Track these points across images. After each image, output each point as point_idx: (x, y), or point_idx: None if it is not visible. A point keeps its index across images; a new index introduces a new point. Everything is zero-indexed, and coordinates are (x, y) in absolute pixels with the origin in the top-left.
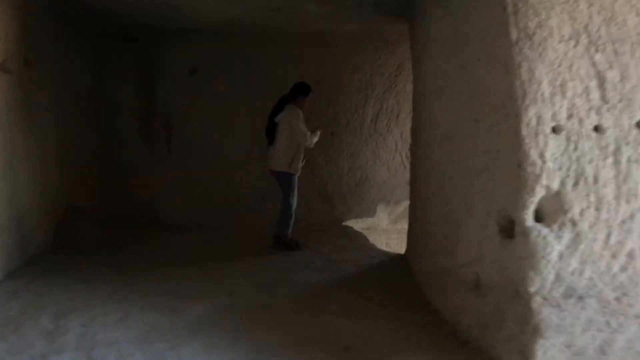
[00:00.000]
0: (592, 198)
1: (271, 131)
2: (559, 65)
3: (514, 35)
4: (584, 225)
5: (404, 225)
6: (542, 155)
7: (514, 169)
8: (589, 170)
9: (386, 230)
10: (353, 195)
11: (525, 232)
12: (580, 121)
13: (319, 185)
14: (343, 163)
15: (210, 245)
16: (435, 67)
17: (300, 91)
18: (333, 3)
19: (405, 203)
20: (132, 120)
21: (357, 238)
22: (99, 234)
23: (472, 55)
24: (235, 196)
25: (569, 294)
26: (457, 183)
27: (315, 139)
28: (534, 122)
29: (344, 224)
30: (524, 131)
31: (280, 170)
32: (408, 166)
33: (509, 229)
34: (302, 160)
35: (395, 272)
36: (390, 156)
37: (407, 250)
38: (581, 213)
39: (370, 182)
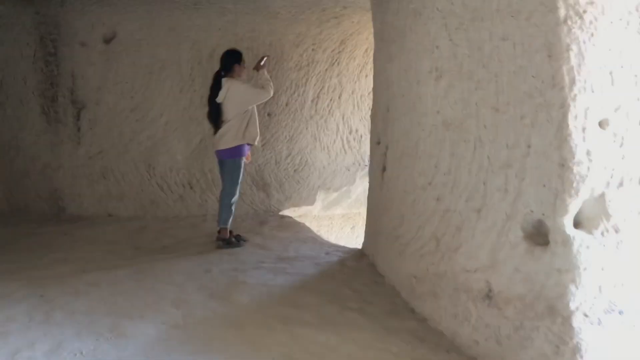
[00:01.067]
0: (638, 202)
1: (215, 115)
2: (610, 50)
3: (562, 11)
4: (627, 232)
5: (335, 212)
6: (589, 153)
7: (554, 167)
8: (635, 171)
9: (317, 217)
10: (291, 182)
11: (565, 241)
12: (628, 115)
13: (253, 172)
14: (281, 147)
15: (134, 240)
16: (431, 46)
17: (232, 60)
18: None
19: (345, 190)
20: (33, 95)
21: (301, 230)
22: None
23: (493, 34)
24: (157, 182)
25: (610, 309)
26: (459, 179)
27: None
28: (581, 114)
29: (281, 213)
30: (571, 125)
31: (230, 147)
32: (348, 151)
33: (540, 235)
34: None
35: (361, 272)
36: (331, 140)
37: (366, 245)
38: (625, 218)
39: (310, 168)
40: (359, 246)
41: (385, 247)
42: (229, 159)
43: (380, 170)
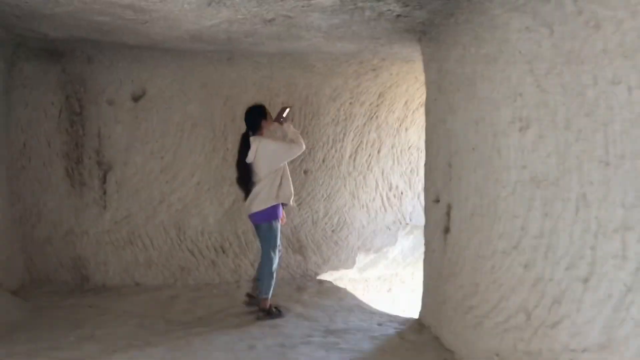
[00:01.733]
0: None
1: (246, 178)
2: None
3: None
4: None
5: (371, 274)
6: None
7: None
8: None
9: (352, 280)
10: (329, 243)
11: None
12: None
13: (289, 234)
14: (318, 206)
15: (165, 312)
16: (512, 93)
17: (257, 117)
18: (346, 13)
19: (387, 250)
20: (56, 157)
21: (344, 296)
22: (13, 309)
23: (599, 77)
24: (188, 247)
25: None
26: (555, 243)
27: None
28: None
29: (318, 277)
30: None
31: (263, 209)
32: (389, 208)
33: None
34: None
35: (424, 348)
36: (369, 197)
37: (425, 316)
38: None
39: (348, 228)
40: (406, 313)
41: (454, 319)
42: (264, 223)
43: (441, 232)
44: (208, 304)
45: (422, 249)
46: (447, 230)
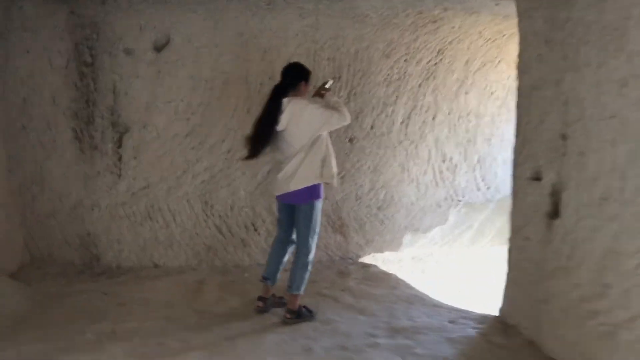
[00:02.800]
0: None
1: (263, 143)
2: None
3: None
4: None
5: (405, 254)
6: None
7: None
8: None
9: (386, 260)
10: (374, 222)
11: None
12: None
13: (330, 211)
14: (364, 180)
15: (193, 300)
16: None
17: (300, 76)
18: None
19: (436, 231)
20: (63, 116)
21: (397, 285)
22: (14, 296)
23: None
24: (215, 224)
25: None
26: None
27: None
28: None
29: (360, 260)
30: None
31: (305, 187)
32: (440, 183)
33: None
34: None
35: (520, 355)
36: (421, 170)
37: (511, 314)
38: None
39: (396, 205)
40: (454, 301)
41: (563, 323)
42: (305, 203)
43: (541, 217)
44: (241, 290)
45: (462, 227)
46: (552, 215)
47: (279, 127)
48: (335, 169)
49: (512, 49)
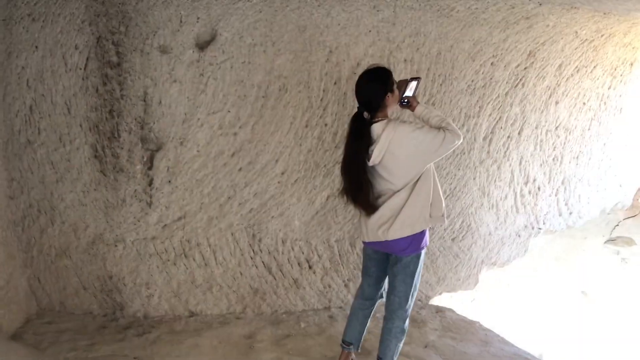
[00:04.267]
0: None
1: (360, 191)
2: None
3: None
4: None
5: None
6: None
7: None
8: None
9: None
10: (447, 256)
11: None
12: None
13: None
14: None
15: None
16: None
17: (381, 90)
18: None
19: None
20: (80, 129)
21: (487, 338)
22: None
23: None
24: (264, 261)
25: None
26: None
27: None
28: None
29: (431, 302)
30: None
31: (410, 235)
32: (521, 209)
33: None
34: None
35: None
36: (502, 194)
37: None
38: None
39: (473, 235)
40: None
41: None
42: (410, 255)
43: None
44: (302, 349)
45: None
46: None
47: (371, 161)
48: (444, 204)
49: (610, 53)
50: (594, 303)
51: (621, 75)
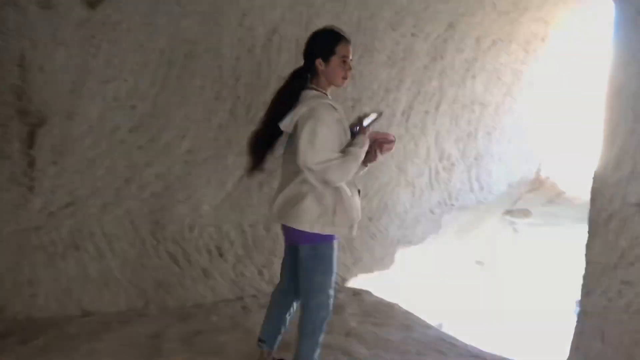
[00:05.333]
0: None
1: (266, 145)
2: None
3: None
4: None
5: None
6: None
7: None
8: None
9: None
10: (364, 236)
11: None
12: None
13: None
14: None
15: None
16: None
17: (310, 51)
18: None
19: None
20: None
21: (412, 322)
22: None
23: None
24: (168, 250)
25: None
26: None
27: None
28: None
29: (347, 285)
30: None
31: (299, 229)
32: (436, 185)
33: None
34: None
35: None
36: (418, 171)
37: None
38: None
39: (390, 214)
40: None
41: None
42: (301, 243)
43: None
44: (215, 346)
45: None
46: None
47: (282, 126)
48: (357, 214)
49: (525, 26)
50: (488, 272)
51: (534, 50)
